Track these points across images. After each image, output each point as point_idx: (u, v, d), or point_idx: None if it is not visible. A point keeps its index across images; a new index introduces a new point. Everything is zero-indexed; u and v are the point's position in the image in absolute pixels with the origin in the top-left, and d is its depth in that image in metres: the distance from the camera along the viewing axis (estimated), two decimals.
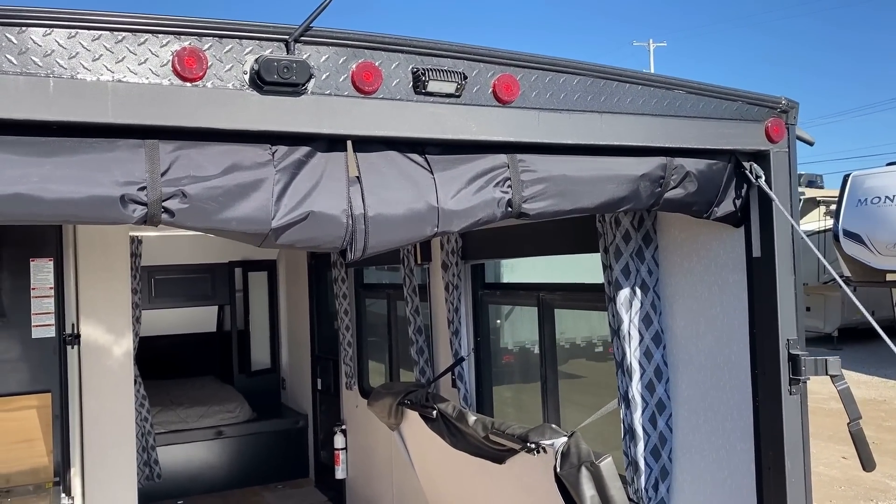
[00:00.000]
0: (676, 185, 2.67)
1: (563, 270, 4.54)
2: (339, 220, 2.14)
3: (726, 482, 3.03)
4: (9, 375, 3.95)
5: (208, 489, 7.82)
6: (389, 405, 4.91)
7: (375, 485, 6.62)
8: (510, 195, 2.36)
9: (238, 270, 9.19)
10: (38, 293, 3.99)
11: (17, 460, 3.90)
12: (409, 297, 5.47)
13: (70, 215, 1.85)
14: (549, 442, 3.38)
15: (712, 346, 3.09)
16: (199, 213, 1.97)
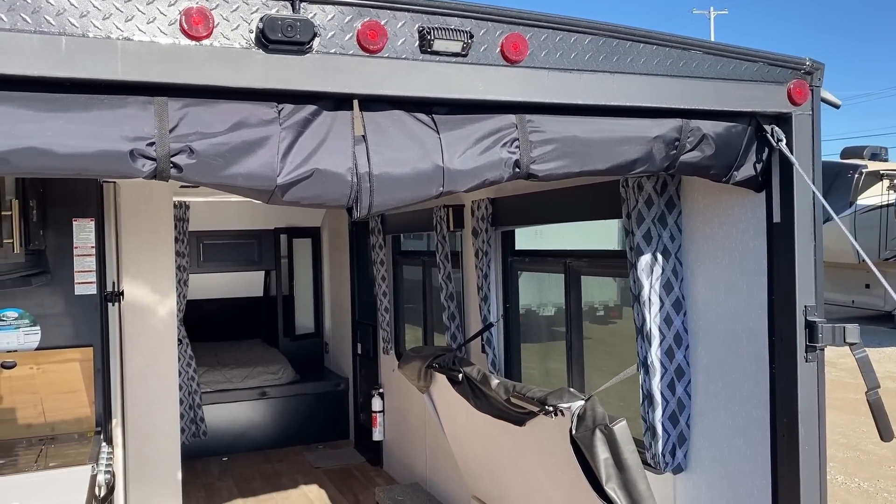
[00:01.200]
0: (693, 148, 2.63)
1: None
2: (344, 178, 2.19)
3: (742, 449, 3.02)
4: (53, 329, 4.14)
5: (251, 447, 8.09)
6: (418, 368, 4.99)
7: (410, 447, 6.75)
8: (518, 156, 2.37)
9: (283, 237, 9.39)
10: (80, 252, 4.17)
11: (61, 410, 4.11)
12: (442, 263, 5.52)
13: (82, 169, 1.94)
14: (566, 405, 3.40)
15: (731, 313, 3.05)
16: (207, 168, 2.04)
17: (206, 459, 7.69)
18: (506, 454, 4.32)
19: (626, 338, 4.27)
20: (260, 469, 7.52)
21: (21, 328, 4.09)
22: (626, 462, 3.14)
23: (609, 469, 3.17)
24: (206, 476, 7.30)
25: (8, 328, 4.06)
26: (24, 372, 4.06)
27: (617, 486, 3.16)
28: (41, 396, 4.08)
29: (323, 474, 7.31)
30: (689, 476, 3.32)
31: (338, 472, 7.36)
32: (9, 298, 4.07)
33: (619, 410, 3.32)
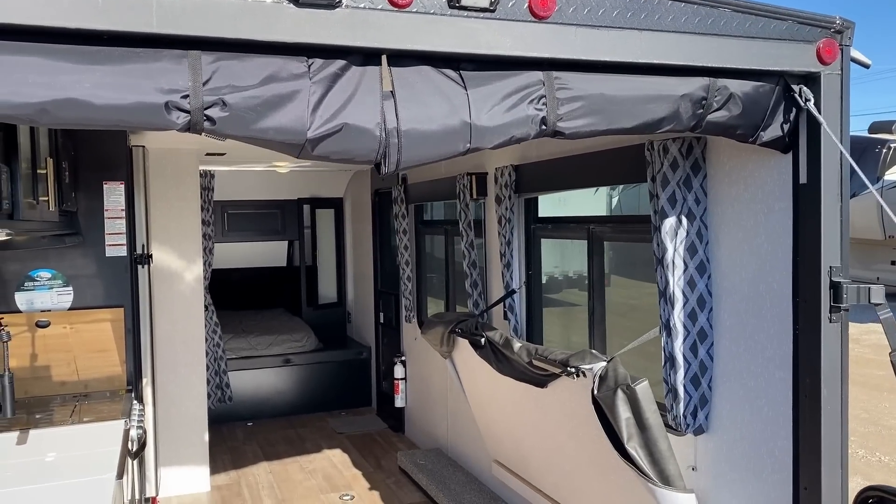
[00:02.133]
0: (720, 108, 2.62)
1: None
2: (372, 133, 2.22)
3: (764, 409, 3.04)
4: (86, 290, 4.24)
5: (275, 413, 8.24)
6: (441, 334, 5.04)
7: (431, 413, 6.84)
8: (545, 113, 2.38)
9: (306, 207, 9.45)
10: (110, 214, 4.25)
11: (93, 368, 4.22)
12: (465, 231, 5.55)
13: (119, 121, 1.99)
14: (588, 366, 3.44)
15: (755, 275, 3.06)
16: (239, 121, 2.08)
17: (232, 424, 7.84)
18: (527, 417, 4.38)
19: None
20: (284, 434, 7.66)
21: (54, 288, 4.19)
22: (648, 422, 3.18)
23: (630, 428, 3.21)
24: (231, 440, 7.45)
25: (42, 288, 4.17)
26: (58, 331, 4.16)
27: (638, 445, 3.21)
28: (74, 355, 4.19)
29: (346, 439, 7.43)
30: (710, 437, 3.35)
31: (360, 438, 7.48)
32: (42, 259, 4.17)
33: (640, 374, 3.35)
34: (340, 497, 5.92)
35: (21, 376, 4.08)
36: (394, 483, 6.21)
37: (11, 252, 4.10)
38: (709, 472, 3.37)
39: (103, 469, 2.88)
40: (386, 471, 6.52)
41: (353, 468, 6.60)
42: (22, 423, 3.55)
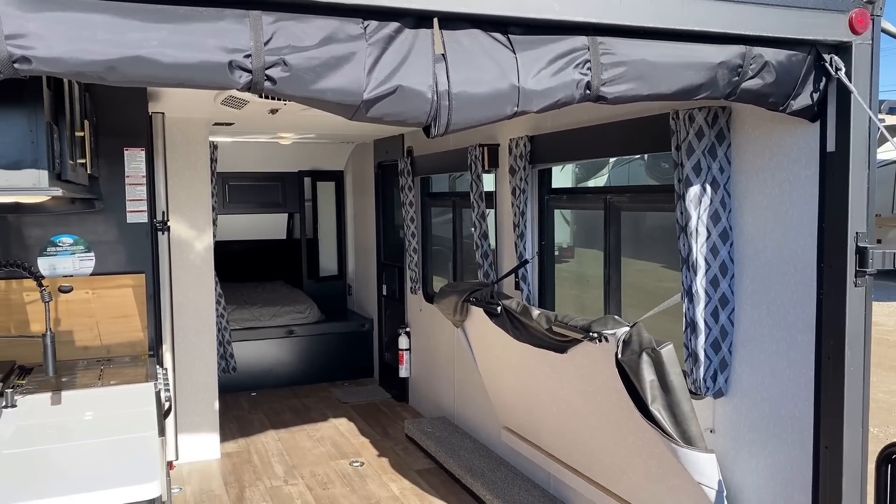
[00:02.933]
0: (755, 76, 2.68)
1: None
2: (424, 95, 2.26)
3: (785, 372, 3.13)
4: (107, 256, 4.26)
5: (278, 384, 8.31)
6: (455, 303, 5.11)
7: (437, 382, 6.93)
8: (589, 77, 2.43)
9: (307, 180, 9.45)
10: (131, 181, 4.26)
11: (116, 333, 4.25)
12: (476, 202, 5.60)
13: (184, 79, 2.02)
14: (611, 331, 3.53)
15: (779, 242, 3.14)
16: (298, 81, 2.12)
17: (236, 394, 7.91)
18: (542, 383, 4.47)
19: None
20: (289, 403, 7.74)
21: (76, 254, 4.21)
22: (672, 384, 3.27)
23: (654, 390, 3.31)
24: (236, 409, 7.52)
25: (64, 253, 4.18)
26: (80, 296, 4.19)
27: (662, 406, 3.30)
28: (97, 320, 4.22)
29: (351, 409, 7.52)
30: (730, 400, 3.45)
31: (365, 407, 7.57)
32: (63, 224, 4.19)
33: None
34: (350, 463, 6.01)
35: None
36: (402, 450, 6.31)
37: (33, 217, 4.11)
38: (727, 433, 3.47)
39: (144, 427, 2.94)
40: (393, 438, 6.62)
41: (360, 436, 6.69)
42: (52, 386, 3.59)
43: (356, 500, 5.29)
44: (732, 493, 3.42)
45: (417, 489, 5.49)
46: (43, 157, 2.28)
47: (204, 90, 4.48)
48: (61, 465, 2.61)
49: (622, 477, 4.02)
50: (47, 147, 2.29)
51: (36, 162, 2.28)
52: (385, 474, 5.78)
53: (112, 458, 2.65)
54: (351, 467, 5.93)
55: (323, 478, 5.72)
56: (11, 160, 2.25)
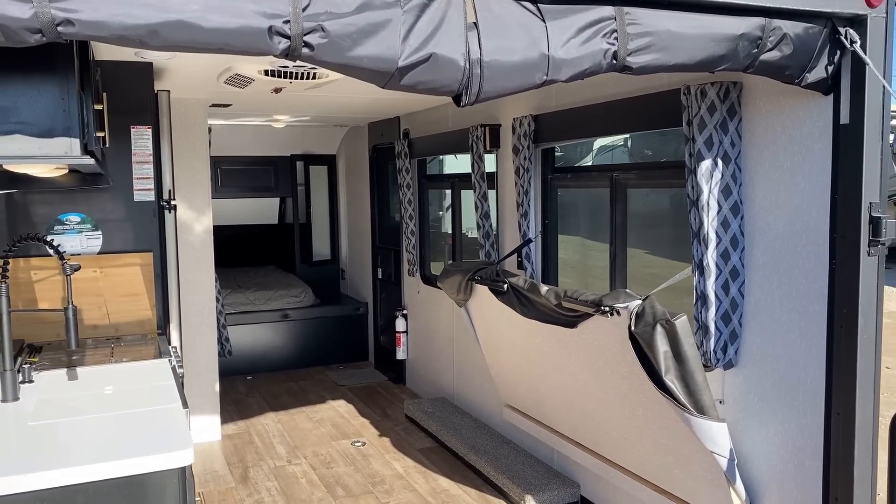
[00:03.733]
0: (773, 48, 2.72)
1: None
2: (457, 63, 2.28)
3: (796, 342, 3.20)
4: (114, 234, 4.24)
5: (274, 368, 8.31)
6: (459, 282, 5.14)
7: (435, 364, 6.98)
8: (616, 47, 2.46)
9: (300, 164, 9.42)
10: (138, 159, 4.23)
11: (124, 312, 4.24)
12: (477, 182, 5.62)
13: (224, 44, 2.02)
14: (623, 305, 3.57)
15: (791, 214, 3.20)
16: (336, 48, 2.13)
17: (231, 378, 7.90)
18: (548, 360, 4.52)
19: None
20: (285, 386, 7.75)
21: (84, 232, 4.18)
22: (686, 354, 3.33)
23: (668, 361, 3.36)
24: (233, 392, 7.51)
25: (71, 232, 4.16)
26: (88, 275, 4.17)
27: (675, 377, 3.36)
28: (105, 299, 4.20)
29: (348, 391, 7.55)
30: (739, 371, 3.52)
31: (362, 390, 7.60)
32: (70, 203, 4.16)
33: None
34: (352, 443, 6.04)
35: (53, 319, 4.09)
36: (402, 430, 6.35)
37: (41, 195, 4.08)
38: (737, 403, 3.54)
39: (168, 400, 2.95)
40: (393, 419, 6.65)
41: (360, 417, 6.72)
42: (65, 363, 3.58)
43: (361, 479, 5.32)
44: (742, 461, 3.50)
45: (421, 467, 5.53)
46: (75, 125, 2.27)
47: (208, 69, 4.48)
48: (90, 435, 2.61)
49: (630, 449, 4.09)
50: (79, 115, 2.28)
51: (68, 130, 2.27)
52: (388, 453, 5.82)
53: (141, 429, 2.66)
54: (353, 447, 5.96)
55: (326, 457, 5.74)
56: (44, 128, 2.24)
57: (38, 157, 2.25)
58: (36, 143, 2.24)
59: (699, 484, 3.61)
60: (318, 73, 4.51)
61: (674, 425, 3.56)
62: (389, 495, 5.04)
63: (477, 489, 5.13)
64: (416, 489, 5.14)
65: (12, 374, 2.94)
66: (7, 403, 2.93)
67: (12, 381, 2.94)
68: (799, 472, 3.22)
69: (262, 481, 5.31)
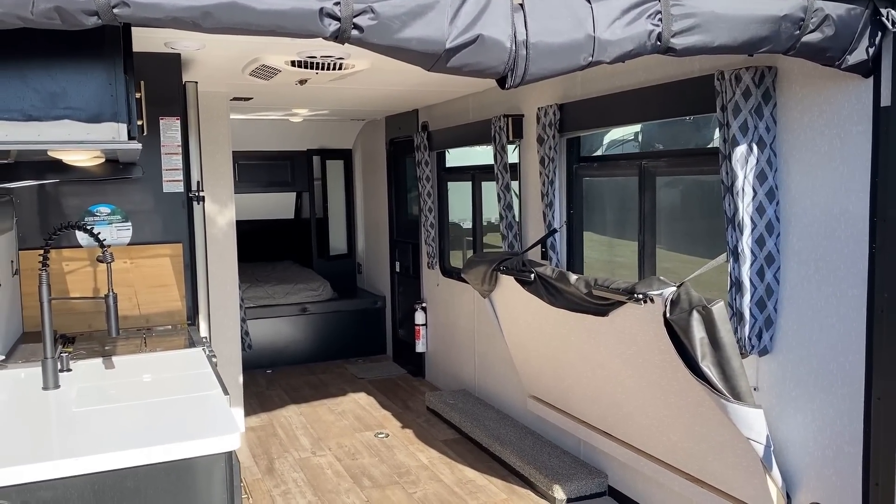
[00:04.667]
0: (815, 29, 2.71)
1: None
2: (503, 45, 2.27)
3: (834, 327, 3.18)
4: (144, 226, 4.25)
5: (293, 361, 8.33)
6: (484, 272, 5.14)
7: (456, 356, 6.97)
8: (660, 29, 2.45)
9: (316, 158, 9.43)
10: (167, 150, 4.24)
11: (154, 303, 4.25)
12: (500, 173, 5.61)
13: (276, 26, 2.02)
14: (657, 292, 3.56)
15: (828, 199, 3.18)
16: (385, 30, 2.12)
17: (251, 372, 7.92)
18: (575, 349, 4.51)
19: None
20: (306, 380, 7.76)
21: (113, 223, 4.20)
22: (722, 341, 3.31)
23: (704, 348, 3.35)
24: (254, 385, 7.53)
25: (101, 223, 4.17)
26: (118, 266, 4.18)
27: (711, 363, 3.35)
28: (135, 290, 4.22)
29: (368, 384, 7.56)
30: (774, 357, 3.50)
31: (382, 383, 7.61)
32: (100, 194, 4.17)
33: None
34: (375, 435, 6.05)
35: (84, 310, 4.11)
36: (425, 422, 6.36)
37: (71, 187, 4.09)
38: (772, 390, 3.53)
39: (209, 386, 2.95)
40: (415, 411, 6.66)
41: (381, 409, 6.73)
42: (100, 353, 3.59)
43: (386, 470, 5.33)
44: (778, 448, 3.48)
45: (446, 458, 5.53)
46: (123, 110, 2.28)
47: (234, 61, 4.49)
48: (135, 421, 2.62)
49: (661, 438, 4.08)
50: (126, 101, 2.29)
51: (115, 115, 2.27)
52: (411, 445, 5.82)
53: (185, 414, 2.67)
54: (377, 439, 5.97)
55: (350, 449, 5.75)
56: (92, 113, 2.25)
57: (86, 143, 2.26)
58: (84, 129, 2.24)
59: (734, 472, 3.60)
60: (343, 63, 4.51)
61: (709, 412, 3.55)
62: (416, 486, 5.05)
63: (503, 479, 5.13)
64: (442, 479, 5.14)
65: (53, 362, 2.95)
66: (49, 391, 2.95)
67: (53, 369, 2.96)
68: (838, 457, 3.21)
69: (288, 472, 5.32)
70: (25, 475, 2.17)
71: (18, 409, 2.82)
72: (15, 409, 2.81)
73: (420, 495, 4.89)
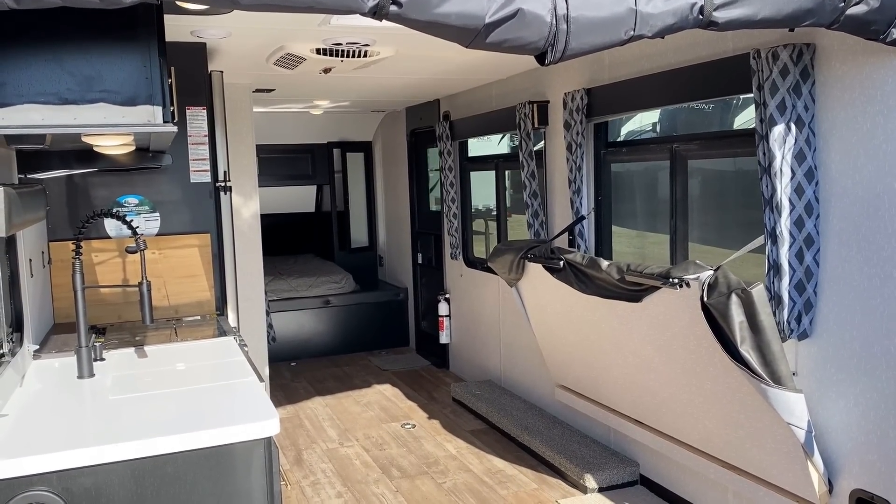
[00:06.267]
0: (860, 1, 2.63)
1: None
2: (543, 19, 2.22)
3: (878, 309, 3.11)
4: (172, 216, 4.24)
5: (316, 354, 8.34)
6: (511, 261, 5.09)
7: (480, 347, 6.94)
8: (703, 1, 2.39)
9: (336, 151, 9.41)
10: (193, 140, 4.23)
11: (183, 293, 4.24)
12: (525, 161, 5.55)
13: (314, 2, 1.98)
14: (693, 276, 3.50)
15: (871, 177, 3.10)
16: (423, 5, 2.08)
17: (276, 364, 7.91)
18: (606, 337, 4.45)
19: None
20: (330, 372, 7.76)
21: (142, 214, 4.19)
22: (762, 324, 3.25)
23: (744, 332, 3.29)
24: (278, 378, 7.54)
25: (130, 214, 4.16)
26: (147, 256, 4.16)
27: (751, 347, 3.29)
28: (164, 280, 4.21)
29: (392, 375, 7.54)
30: (814, 341, 3.43)
31: (406, 374, 7.59)
32: (128, 185, 4.17)
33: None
34: (402, 426, 6.03)
35: (113, 301, 4.11)
36: (451, 413, 6.33)
37: (99, 178, 4.09)
38: (811, 375, 3.46)
39: (243, 374, 2.93)
40: (440, 402, 6.63)
41: (407, 400, 6.71)
42: (132, 343, 3.59)
43: (415, 460, 5.31)
44: (819, 434, 3.41)
45: (473, 448, 5.50)
46: (158, 92, 2.25)
47: (259, 49, 4.46)
48: (172, 408, 2.61)
49: (696, 425, 4.02)
50: (160, 83, 2.26)
51: (150, 98, 2.25)
52: (439, 435, 5.79)
53: (222, 401, 2.65)
54: (403, 429, 5.95)
55: (378, 440, 5.73)
56: (127, 96, 2.23)
57: (122, 126, 2.23)
58: (120, 112, 2.22)
59: (774, 458, 3.53)
60: (368, 51, 4.47)
61: (747, 398, 3.49)
62: (445, 476, 5.02)
63: (533, 469, 5.09)
64: (472, 469, 5.11)
65: (88, 350, 2.95)
66: (84, 379, 2.94)
67: (88, 357, 2.95)
68: (882, 442, 3.13)
69: (316, 463, 5.31)
70: (66, 462, 2.16)
71: (55, 397, 2.81)
72: (51, 398, 2.80)
73: (450, 485, 4.86)
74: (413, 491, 4.79)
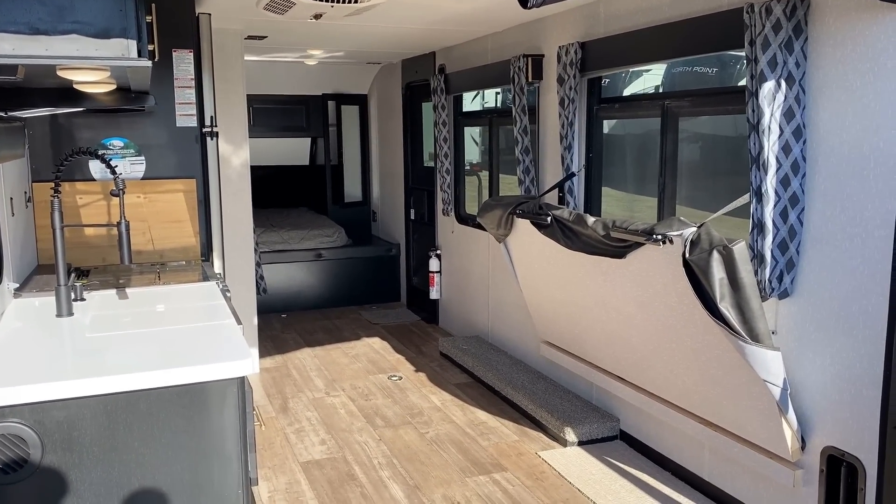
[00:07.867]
0: None
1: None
2: None
3: (858, 268, 3.11)
4: (157, 160, 4.21)
5: (307, 306, 8.37)
6: (500, 216, 5.08)
7: (469, 303, 6.96)
8: None
9: (331, 103, 9.31)
10: (180, 84, 4.18)
11: (168, 238, 4.24)
12: (518, 116, 5.50)
13: None
14: (676, 232, 3.49)
15: (858, 136, 3.07)
16: None
17: (266, 315, 7.96)
18: (591, 293, 4.46)
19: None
20: (320, 324, 7.80)
21: (127, 157, 4.16)
22: (742, 281, 3.25)
23: (724, 288, 3.29)
24: (268, 329, 7.58)
25: (115, 157, 4.13)
26: (132, 200, 4.16)
27: (730, 304, 3.30)
28: (149, 225, 4.20)
29: (382, 329, 7.58)
30: (795, 300, 3.44)
31: (396, 328, 7.63)
32: (114, 127, 4.13)
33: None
34: (389, 377, 6.08)
35: (98, 244, 4.10)
36: (438, 366, 6.38)
37: (84, 119, 4.05)
38: (791, 333, 3.47)
39: (222, 316, 2.94)
40: (428, 356, 6.68)
41: (395, 353, 6.76)
42: (114, 284, 3.59)
43: (399, 410, 5.36)
44: (794, 391, 3.45)
45: (458, 400, 5.56)
46: (132, 26, 2.21)
47: None
48: (148, 346, 2.62)
49: (675, 382, 4.05)
50: (135, 17, 2.22)
51: (124, 31, 2.21)
52: (424, 387, 5.85)
53: (198, 341, 2.66)
54: (390, 381, 6.00)
55: (364, 390, 5.79)
56: (100, 28, 2.18)
57: (95, 58, 2.20)
58: (93, 44, 2.18)
59: (749, 414, 3.57)
60: None
61: (725, 355, 3.51)
62: (428, 426, 5.08)
63: (515, 422, 5.15)
64: (455, 421, 5.17)
65: (66, 289, 2.95)
66: (63, 318, 2.95)
67: (67, 296, 2.95)
68: (856, 401, 3.16)
69: (301, 411, 5.37)
70: (38, 394, 2.18)
71: (33, 334, 2.83)
72: (29, 335, 2.82)
73: (432, 435, 4.92)
74: (396, 440, 4.85)
